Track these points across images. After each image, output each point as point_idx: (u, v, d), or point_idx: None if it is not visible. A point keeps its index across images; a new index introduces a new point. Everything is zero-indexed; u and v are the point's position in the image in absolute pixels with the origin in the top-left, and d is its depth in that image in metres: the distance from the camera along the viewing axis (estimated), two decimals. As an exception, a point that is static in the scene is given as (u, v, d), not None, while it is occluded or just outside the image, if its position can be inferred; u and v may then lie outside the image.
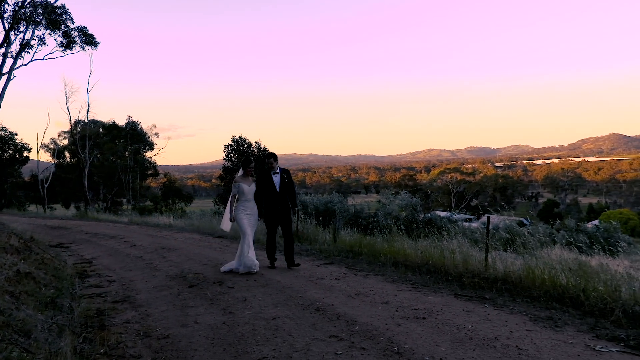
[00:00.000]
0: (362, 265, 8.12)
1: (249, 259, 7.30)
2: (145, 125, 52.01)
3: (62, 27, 27.38)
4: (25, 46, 26.13)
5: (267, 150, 33.74)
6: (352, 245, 9.60)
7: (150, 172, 54.20)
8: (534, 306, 5.45)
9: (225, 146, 33.88)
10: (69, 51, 28.62)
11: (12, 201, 40.44)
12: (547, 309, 5.33)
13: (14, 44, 25.70)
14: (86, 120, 41.12)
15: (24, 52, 26.26)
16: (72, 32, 28.02)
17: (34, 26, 26.19)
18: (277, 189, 7.70)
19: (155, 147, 52.10)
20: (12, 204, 39.39)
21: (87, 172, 38.93)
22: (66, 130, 48.97)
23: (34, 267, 6.86)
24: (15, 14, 24.84)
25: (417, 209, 16.06)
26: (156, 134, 52.37)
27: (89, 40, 28.91)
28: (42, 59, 28.20)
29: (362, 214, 15.24)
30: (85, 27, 28.51)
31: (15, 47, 25.83)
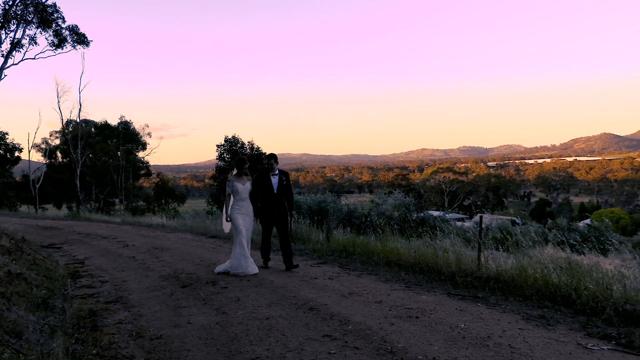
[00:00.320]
0: (355, 264, 8.13)
1: (242, 260, 7.22)
2: (137, 125, 51.74)
3: (54, 26, 27.17)
4: (16, 45, 25.93)
5: (261, 150, 33.69)
6: (345, 244, 9.60)
7: (142, 172, 53.87)
8: (526, 305, 5.48)
9: (218, 146, 33.81)
10: (60, 50, 28.40)
11: (3, 201, 40.09)
12: (540, 307, 5.36)
13: (5, 43, 25.51)
14: (78, 119, 40.89)
15: (14, 51, 26.05)
16: (63, 31, 27.80)
17: (24, 25, 25.99)
18: (275, 191, 7.62)
19: (147, 147, 51.82)
20: (3, 204, 39.05)
21: (79, 172, 38.70)
22: (58, 130, 48.61)
23: (26, 267, 6.82)
24: (5, 12, 24.64)
25: (410, 209, 16.12)
26: (149, 134, 52.08)
27: (81, 39, 28.71)
28: (34, 58, 27.99)
29: (355, 213, 15.27)
30: (76, 26, 28.32)
31: (5, 46, 25.64)
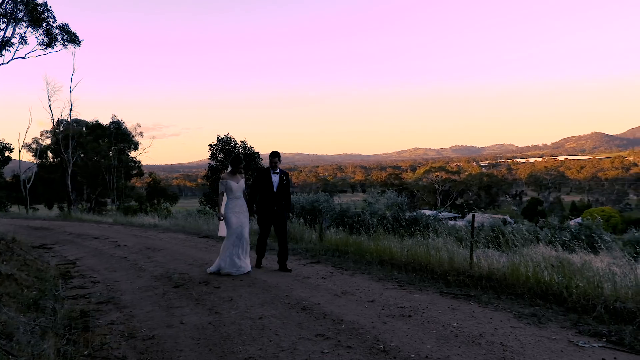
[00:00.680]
0: (348, 264, 8.14)
1: (234, 260, 7.15)
2: (129, 124, 51.50)
3: (44, 25, 26.93)
4: (5, 44, 25.67)
5: (253, 149, 33.61)
6: (338, 244, 9.61)
7: (134, 171, 53.61)
8: (518, 303, 5.52)
9: (210, 145, 33.68)
10: (50, 49, 28.14)
11: (-7, 202, 39.80)
12: (531, 305, 5.40)
13: (-6, 42, 25.27)
14: (69, 119, 40.64)
15: (4, 50, 25.78)
16: (54, 30, 27.55)
17: (14, 24, 25.74)
18: (275, 189, 7.50)
19: (139, 146, 51.60)
20: (-7, 205, 38.78)
21: (70, 172, 38.45)
22: (49, 129, 48.20)
23: (16, 268, 6.76)
24: (-5, 11, 24.41)
25: (403, 208, 16.14)
26: (141, 134, 51.86)
27: (71, 38, 28.47)
28: (24, 57, 27.73)
29: (348, 213, 15.25)
30: (67, 25, 28.06)
31: (-5, 45, 25.40)
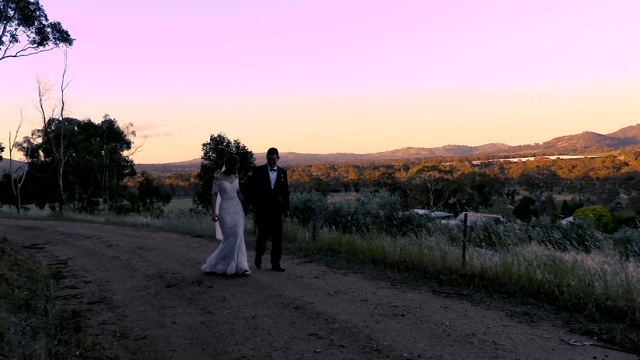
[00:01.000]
0: (341, 263, 8.14)
1: (227, 260, 7.09)
2: (122, 123, 51.39)
3: (36, 24, 26.76)
4: (-4, 42, 25.50)
5: (247, 148, 33.56)
6: (331, 243, 9.60)
7: (127, 171, 53.41)
8: (510, 302, 5.54)
9: (204, 145, 33.59)
10: (42, 48, 28.00)
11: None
12: (523, 304, 5.43)
13: (-15, 41, 25.09)
14: (61, 118, 40.43)
15: (-5, 48, 25.63)
16: (45, 29, 27.40)
17: (5, 22, 25.56)
18: (272, 186, 7.38)
19: (132, 145, 51.48)
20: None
21: (62, 171, 38.25)
22: (40, 128, 47.93)
23: (7, 268, 6.71)
24: (-15, 9, 24.22)
25: (396, 207, 16.18)
26: (133, 133, 51.74)
27: (63, 37, 28.32)
28: (15, 56, 27.60)
29: (341, 212, 15.26)
30: (59, 23, 27.94)
31: (-15, 44, 25.21)
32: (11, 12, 25.35)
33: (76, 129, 48.69)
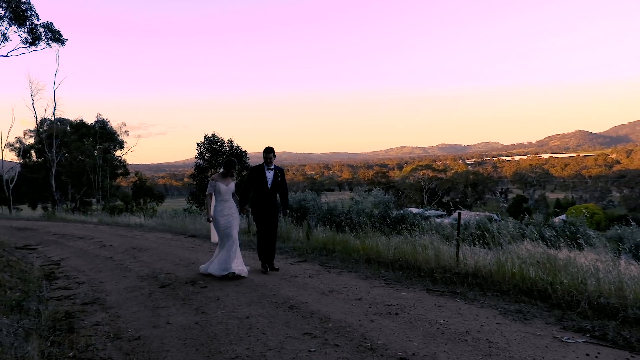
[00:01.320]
0: (335, 262, 8.14)
1: (223, 264, 6.94)
2: (114, 123, 51.16)
3: (28, 24, 26.57)
4: (-13, 42, 25.31)
5: (241, 148, 33.49)
6: (325, 242, 9.60)
7: (120, 171, 53.23)
8: (503, 300, 5.57)
9: (198, 144, 33.50)
10: (33, 48, 27.81)
11: (-25, 202, 39.18)
12: (517, 302, 5.45)
13: (-25, 40, 24.90)
14: (53, 118, 40.17)
15: (-15, 49, 25.43)
16: (37, 29, 27.21)
17: (-4, 22, 25.37)
18: (269, 186, 7.31)
19: (125, 145, 51.29)
20: (-25, 205, 38.18)
21: (54, 171, 38.03)
22: (32, 128, 47.63)
23: (-1, 269, 6.67)
24: (-24, 8, 24.03)
25: (390, 206, 16.20)
26: (126, 132, 51.54)
27: (56, 36, 28.14)
28: (6, 56, 27.39)
29: (335, 211, 15.25)
30: (51, 23, 27.75)
31: (-24, 44, 25.01)
32: (2, 11, 25.16)
33: (68, 129, 48.43)
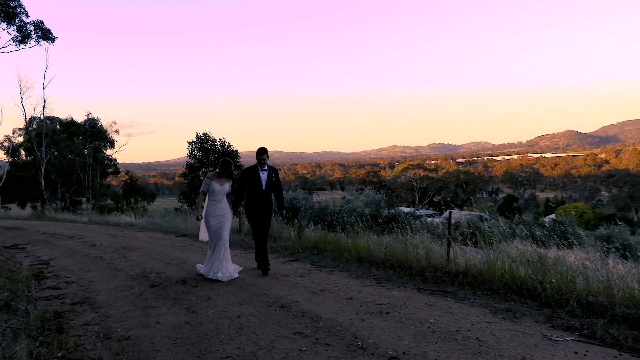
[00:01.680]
0: (326, 261, 8.14)
1: (215, 265, 6.83)
2: (105, 122, 50.81)
3: (17, 21, 26.28)
4: (-25, 39, 25.01)
5: (232, 147, 33.37)
6: (316, 241, 9.60)
7: (110, 170, 52.83)
8: (493, 299, 5.60)
9: (189, 143, 33.32)
10: (23, 46, 27.48)
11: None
12: (507, 301, 5.48)
13: (-37, 37, 24.61)
14: (42, 116, 39.75)
15: (-27, 46, 25.14)
16: (27, 27, 26.92)
17: (-17, 19, 25.07)
18: (263, 187, 7.20)
19: (115, 144, 50.89)
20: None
21: (43, 170, 37.69)
22: (21, 127, 47.19)
23: (-13, 269, 6.61)
24: (-37, 5, 23.74)
25: (381, 205, 16.26)
26: (117, 131, 51.14)
27: (45, 35, 27.84)
28: (-5, 53, 27.07)
29: (327, 210, 15.28)
30: (41, 21, 27.44)
31: (-36, 41, 24.71)
32: (-10, 8, 24.88)
33: (58, 127, 48.04)
